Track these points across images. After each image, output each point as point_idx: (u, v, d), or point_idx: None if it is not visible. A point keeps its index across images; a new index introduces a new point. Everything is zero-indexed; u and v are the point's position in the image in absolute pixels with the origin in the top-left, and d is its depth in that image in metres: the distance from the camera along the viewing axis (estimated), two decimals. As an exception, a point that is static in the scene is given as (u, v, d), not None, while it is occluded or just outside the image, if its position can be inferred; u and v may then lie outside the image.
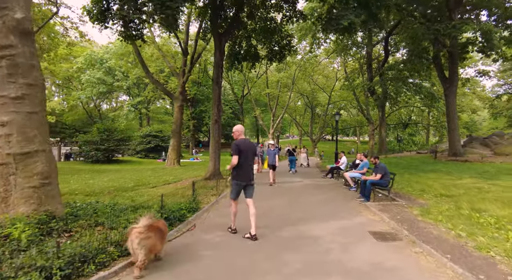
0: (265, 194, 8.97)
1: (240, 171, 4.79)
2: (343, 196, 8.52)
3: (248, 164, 4.85)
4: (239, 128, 5.03)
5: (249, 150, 4.88)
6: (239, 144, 4.77)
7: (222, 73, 12.59)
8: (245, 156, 4.78)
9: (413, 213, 5.95)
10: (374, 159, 7.69)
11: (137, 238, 3.22)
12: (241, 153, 4.73)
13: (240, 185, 4.86)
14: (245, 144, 4.85)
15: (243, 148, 4.77)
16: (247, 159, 4.82)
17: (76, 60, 41.96)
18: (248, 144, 4.95)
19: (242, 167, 4.77)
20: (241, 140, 4.90)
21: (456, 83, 18.80)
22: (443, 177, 11.27)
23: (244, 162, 4.76)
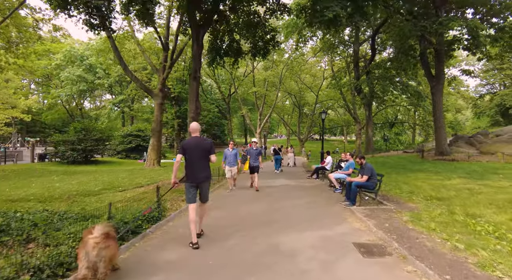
0: (243, 197, 8.26)
1: (188, 171, 4.47)
2: (327, 200, 7.88)
3: (196, 163, 4.44)
4: (190, 127, 4.68)
5: (196, 148, 4.45)
6: (184, 143, 4.51)
7: (200, 67, 11.80)
8: (191, 154, 4.41)
9: (403, 220, 5.34)
10: (360, 159, 7.08)
11: (94, 249, 2.79)
12: (185, 151, 4.41)
13: (191, 187, 4.46)
14: (193, 142, 4.47)
15: (189, 146, 4.43)
16: (193, 158, 4.42)
17: (55, 56, 40.18)
18: (198, 142, 4.51)
19: (189, 167, 4.44)
20: (190, 139, 4.57)
21: (443, 81, 18.57)
22: (432, 177, 10.82)
23: (191, 161, 4.42)
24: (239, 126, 71.26)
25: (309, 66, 43.78)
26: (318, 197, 8.36)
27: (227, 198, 8.25)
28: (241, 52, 15.25)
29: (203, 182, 4.51)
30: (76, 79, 37.93)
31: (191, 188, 4.45)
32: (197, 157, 4.45)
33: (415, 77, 29.10)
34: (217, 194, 9.04)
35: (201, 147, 4.48)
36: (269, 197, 8.33)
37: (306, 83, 45.79)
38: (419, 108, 33.93)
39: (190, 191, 4.44)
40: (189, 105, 11.41)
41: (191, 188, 4.45)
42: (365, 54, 32.23)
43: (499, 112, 39.30)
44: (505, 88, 42.79)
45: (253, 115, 51.62)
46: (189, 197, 4.45)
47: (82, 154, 22.70)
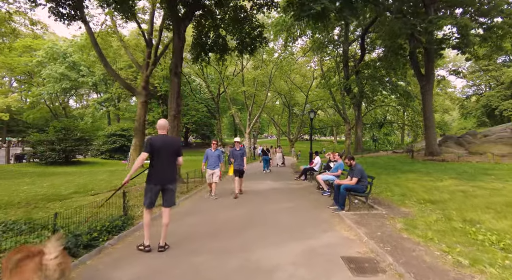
0: (224, 202, 7.64)
1: (153, 172, 4.00)
2: (314, 203, 7.35)
3: (164, 163, 4.03)
4: (157, 124, 4.23)
5: (165, 147, 4.05)
6: (152, 140, 4.02)
7: (181, 62, 11.13)
8: (159, 154, 3.99)
9: (396, 227, 4.84)
10: (349, 161, 6.57)
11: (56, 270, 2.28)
12: (153, 150, 3.96)
13: (153, 189, 4.01)
14: (161, 140, 4.07)
15: (157, 144, 3.99)
16: (161, 158, 4.00)
17: (37, 53, 38.60)
18: (166, 140, 4.13)
19: (155, 167, 4.00)
20: (157, 136, 4.13)
21: (433, 81, 18.38)
22: (423, 178, 10.44)
23: (158, 161, 3.99)
24: (229, 126, 70.55)
25: (299, 66, 43.46)
26: (305, 200, 7.82)
27: (205, 202, 7.61)
28: (227, 48, 14.65)
29: (169, 184, 4.07)
30: (59, 76, 36.50)
31: (152, 191, 3.99)
32: (164, 156, 4.01)
33: (404, 77, 29.02)
34: (196, 198, 8.40)
35: (170, 146, 4.08)
36: (252, 201, 7.75)
37: (296, 83, 45.48)
38: (408, 108, 33.95)
39: (151, 194, 4.00)
40: (169, 103, 10.72)
41: (153, 191, 3.99)
42: (355, 54, 32.04)
43: (485, 113, 39.80)
44: (490, 89, 43.47)
45: (243, 115, 51.00)
46: (148, 201, 3.99)
47: (62, 154, 21.63)
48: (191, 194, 8.55)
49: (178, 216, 6.05)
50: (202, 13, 13.40)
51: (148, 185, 3.99)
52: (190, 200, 7.95)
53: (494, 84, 41.60)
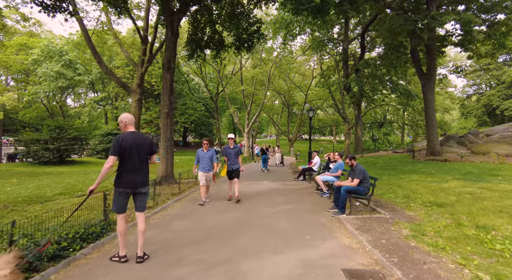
0: (216, 204, 7.19)
1: (123, 175, 3.52)
2: (313, 206, 6.90)
3: (135, 165, 3.55)
4: (124, 118, 3.66)
5: (136, 146, 3.55)
6: (121, 140, 3.47)
7: (174, 57, 10.67)
8: (130, 154, 3.49)
9: (403, 234, 4.39)
10: (350, 161, 6.13)
11: None
12: (123, 151, 3.46)
13: (123, 194, 3.56)
14: (132, 139, 3.55)
15: (127, 144, 3.48)
16: (132, 159, 3.52)
17: (33, 51, 38.03)
18: (137, 138, 3.61)
19: (126, 170, 3.51)
20: (126, 134, 3.57)
21: (434, 79, 17.94)
22: (426, 179, 10.03)
23: (128, 163, 3.50)
24: (228, 126, 70.18)
25: (298, 65, 43.03)
26: (303, 203, 7.38)
27: (196, 204, 7.12)
28: (224, 45, 14.21)
29: (141, 188, 3.62)
30: (55, 75, 35.93)
31: (123, 196, 3.55)
32: (136, 156, 3.54)
33: (404, 76, 28.65)
34: (187, 201, 7.94)
35: (141, 145, 3.60)
36: (247, 203, 7.29)
37: (295, 82, 45.06)
38: (408, 108, 33.54)
39: (121, 200, 3.55)
40: (162, 100, 10.28)
41: (124, 196, 3.55)
42: (355, 53, 31.61)
43: (486, 112, 39.43)
44: (491, 88, 43.10)
45: (242, 114, 50.57)
46: (118, 206, 3.55)
47: (56, 154, 21.17)
48: (182, 196, 8.09)
49: (164, 221, 5.60)
50: (198, 9, 12.97)
51: (117, 189, 3.53)
52: (181, 202, 7.50)
53: (495, 83, 41.22)
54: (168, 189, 9.06)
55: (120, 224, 3.54)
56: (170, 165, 10.26)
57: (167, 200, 7.32)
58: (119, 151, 3.44)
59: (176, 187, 9.11)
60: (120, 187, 3.52)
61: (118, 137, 3.52)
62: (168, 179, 10.12)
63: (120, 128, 3.67)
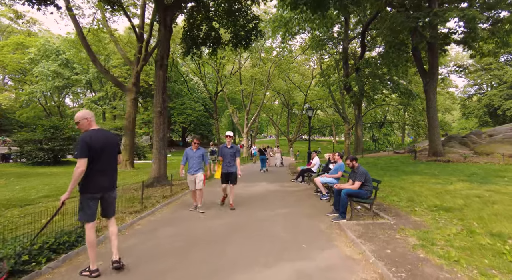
0: (209, 209, 6.77)
1: (93, 178, 3.09)
2: (312, 210, 6.48)
3: (105, 166, 3.19)
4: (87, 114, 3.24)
5: (107, 146, 3.21)
6: (90, 140, 3.05)
7: (168, 54, 10.25)
8: (101, 155, 3.12)
9: (409, 243, 3.98)
10: (351, 162, 5.71)
11: None
12: (94, 151, 3.05)
13: (93, 200, 3.15)
14: (102, 137, 3.19)
15: (98, 145, 3.09)
16: (102, 160, 3.14)
17: (29, 50, 37.66)
18: (107, 137, 3.26)
19: (95, 172, 3.09)
20: (94, 132, 3.16)
21: (437, 78, 17.54)
22: (430, 181, 9.62)
23: (98, 165, 3.11)
24: (228, 126, 69.76)
25: (298, 65, 42.68)
26: (301, 206, 6.96)
27: (187, 209, 6.70)
28: (220, 42, 13.81)
29: (110, 192, 3.27)
30: (51, 74, 35.55)
31: (93, 202, 3.14)
32: (105, 157, 3.17)
33: (405, 76, 28.25)
34: (178, 204, 7.52)
35: (111, 145, 3.25)
36: (240, 206, 6.87)
37: (295, 82, 44.68)
38: (409, 108, 33.12)
39: (91, 206, 3.12)
40: (154, 98, 9.87)
41: (94, 201, 3.15)
42: (355, 52, 31.23)
43: (487, 112, 39.03)
44: (492, 88, 42.71)
45: (241, 114, 50.22)
46: (89, 213, 3.11)
47: (50, 154, 20.75)
48: (174, 199, 7.67)
49: (150, 227, 5.18)
50: (194, 5, 12.58)
51: (86, 195, 3.10)
52: (171, 206, 7.08)
53: (497, 83, 40.82)
54: (160, 191, 8.65)
55: (90, 234, 3.12)
56: (163, 166, 9.85)
57: (156, 203, 6.90)
58: (89, 152, 3.03)
59: (169, 189, 8.69)
60: (89, 192, 3.10)
61: (86, 136, 3.08)
62: (160, 180, 9.72)
63: (80, 126, 3.20)
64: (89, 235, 3.11)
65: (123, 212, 5.90)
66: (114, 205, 3.39)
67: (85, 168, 3.01)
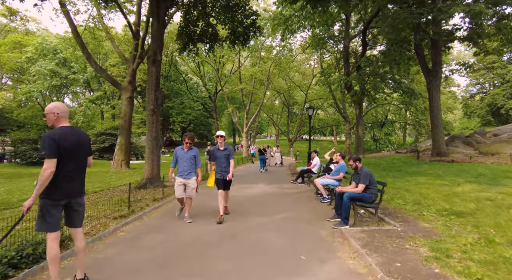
0: (202, 213, 6.32)
1: (59, 182, 2.62)
2: (311, 215, 6.04)
3: (74, 169, 2.75)
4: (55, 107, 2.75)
5: (79, 146, 2.76)
6: (59, 137, 2.60)
7: (161, 50, 9.80)
8: (71, 156, 2.68)
9: (421, 254, 3.53)
10: (354, 163, 5.26)
11: None
12: (63, 152, 2.61)
13: (58, 207, 2.67)
14: (74, 136, 2.74)
15: (68, 143, 2.65)
16: (72, 162, 2.71)
17: (26, 49, 37.26)
18: (75, 136, 2.77)
19: (63, 175, 2.63)
20: (64, 130, 2.71)
21: (440, 76, 17.07)
22: (435, 182, 9.18)
23: (66, 166, 2.66)
24: (228, 126, 69.32)
25: (298, 64, 42.25)
26: (300, 210, 6.51)
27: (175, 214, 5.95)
28: (217, 38, 13.38)
29: (78, 197, 2.83)
30: (49, 73, 35.12)
31: (56, 209, 2.67)
32: (74, 159, 2.73)
33: (407, 75, 27.81)
34: (168, 208, 7.08)
35: (83, 145, 2.86)
36: (236, 210, 6.43)
37: (295, 81, 44.24)
38: (411, 107, 32.61)
39: (53, 213, 2.65)
40: (147, 95, 9.44)
41: (58, 209, 2.69)
42: (356, 51, 30.77)
43: (490, 112, 38.53)
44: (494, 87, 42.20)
45: (241, 114, 49.83)
46: (52, 223, 2.65)
47: (44, 154, 20.31)
48: (165, 202, 7.23)
49: (134, 234, 4.74)
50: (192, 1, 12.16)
51: (49, 200, 2.64)
52: (161, 210, 6.65)
53: (499, 82, 40.31)
54: (152, 193, 8.22)
55: (53, 247, 2.66)
56: (156, 166, 9.41)
57: (146, 206, 6.47)
58: (58, 152, 2.59)
59: (161, 191, 8.25)
60: (53, 198, 2.65)
61: (53, 133, 2.63)
62: (153, 181, 9.27)
63: (47, 120, 2.76)
64: (51, 248, 2.66)
65: (107, 217, 5.46)
66: (82, 213, 2.94)
67: (54, 170, 2.58)
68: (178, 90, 44.34)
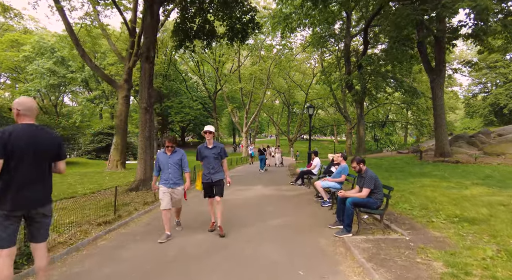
0: (192, 221, 5.91)
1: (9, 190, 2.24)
2: (311, 220, 5.62)
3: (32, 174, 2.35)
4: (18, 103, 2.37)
5: (34, 146, 2.35)
6: (8, 134, 2.23)
7: (154, 46, 9.39)
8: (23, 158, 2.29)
9: (435, 270, 3.11)
10: (357, 165, 4.82)
11: None
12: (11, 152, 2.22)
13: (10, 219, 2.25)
14: (27, 134, 2.33)
15: (18, 142, 2.26)
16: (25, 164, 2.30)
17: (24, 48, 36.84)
18: (36, 135, 2.38)
19: (15, 181, 2.26)
20: (18, 127, 2.33)
21: (444, 74, 16.65)
22: (441, 185, 8.75)
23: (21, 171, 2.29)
24: (228, 126, 68.96)
25: (299, 63, 41.84)
26: (299, 215, 6.10)
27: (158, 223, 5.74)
28: (215, 34, 12.98)
29: (40, 207, 2.40)
30: (46, 72, 34.71)
31: (9, 220, 2.25)
32: (32, 161, 2.33)
33: (409, 73, 27.39)
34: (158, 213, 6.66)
35: (42, 145, 2.41)
36: (229, 216, 6.00)
37: (296, 80, 43.80)
38: (413, 107, 32.13)
39: (7, 226, 2.24)
40: (140, 93, 9.03)
41: (11, 221, 2.26)
42: (357, 50, 30.32)
43: (492, 111, 38.04)
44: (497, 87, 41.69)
45: (241, 113, 49.45)
46: (4, 237, 2.23)
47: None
48: (156, 205, 6.81)
49: (116, 243, 4.33)
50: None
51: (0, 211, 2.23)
52: (150, 214, 6.24)
53: (502, 82, 39.79)
54: (143, 196, 7.81)
55: (4, 265, 2.25)
56: (149, 168, 9.01)
57: (134, 211, 6.06)
58: (4, 152, 2.20)
59: (153, 194, 7.84)
60: (3, 209, 2.23)
61: (2, 130, 2.25)
62: (146, 183, 8.86)
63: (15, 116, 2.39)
64: (3, 268, 2.25)
65: (91, 222, 5.05)
66: (46, 226, 2.52)
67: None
68: (177, 89, 43.97)
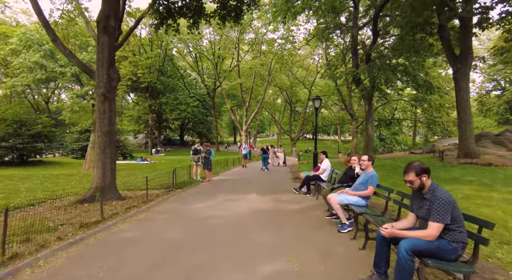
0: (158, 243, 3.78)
1: None
2: (325, 263, 3.46)
3: None
4: None
5: None
6: None
7: (117, 13, 7.26)
8: None
9: None
10: (416, 177, 2.69)
11: None
12: None
13: None
14: None
15: None
16: None
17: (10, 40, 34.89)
18: None
19: None
20: None
21: (470, 63, 14.43)
22: (492, 196, 6.69)
23: None
24: (228, 124, 66.94)
25: (302, 58, 39.60)
26: (305, 252, 3.90)
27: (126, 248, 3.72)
28: (202, 11, 10.83)
29: None
30: (33, 66, 32.77)
31: None
32: None
33: (421, 68, 25.07)
34: (79, 252, 4.56)
35: None
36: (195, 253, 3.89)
37: (299, 77, 41.58)
38: (424, 103, 29.77)
39: None
40: (96, 75, 6.93)
41: None
42: (364, 42, 28.04)
43: (509, 109, 35.70)
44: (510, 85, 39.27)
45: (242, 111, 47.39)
46: None
47: (10, 152, 17.95)
48: (100, 229, 4.70)
49: None
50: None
51: None
52: (77, 247, 4.14)
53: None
54: (93, 211, 5.66)
55: None
56: (109, 172, 6.89)
57: (52, 243, 3.94)
58: None
59: (107, 209, 5.74)
60: None
61: None
62: (106, 192, 6.72)
63: None
64: None
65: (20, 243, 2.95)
66: None
67: None
68: (174, 86, 41.90)
